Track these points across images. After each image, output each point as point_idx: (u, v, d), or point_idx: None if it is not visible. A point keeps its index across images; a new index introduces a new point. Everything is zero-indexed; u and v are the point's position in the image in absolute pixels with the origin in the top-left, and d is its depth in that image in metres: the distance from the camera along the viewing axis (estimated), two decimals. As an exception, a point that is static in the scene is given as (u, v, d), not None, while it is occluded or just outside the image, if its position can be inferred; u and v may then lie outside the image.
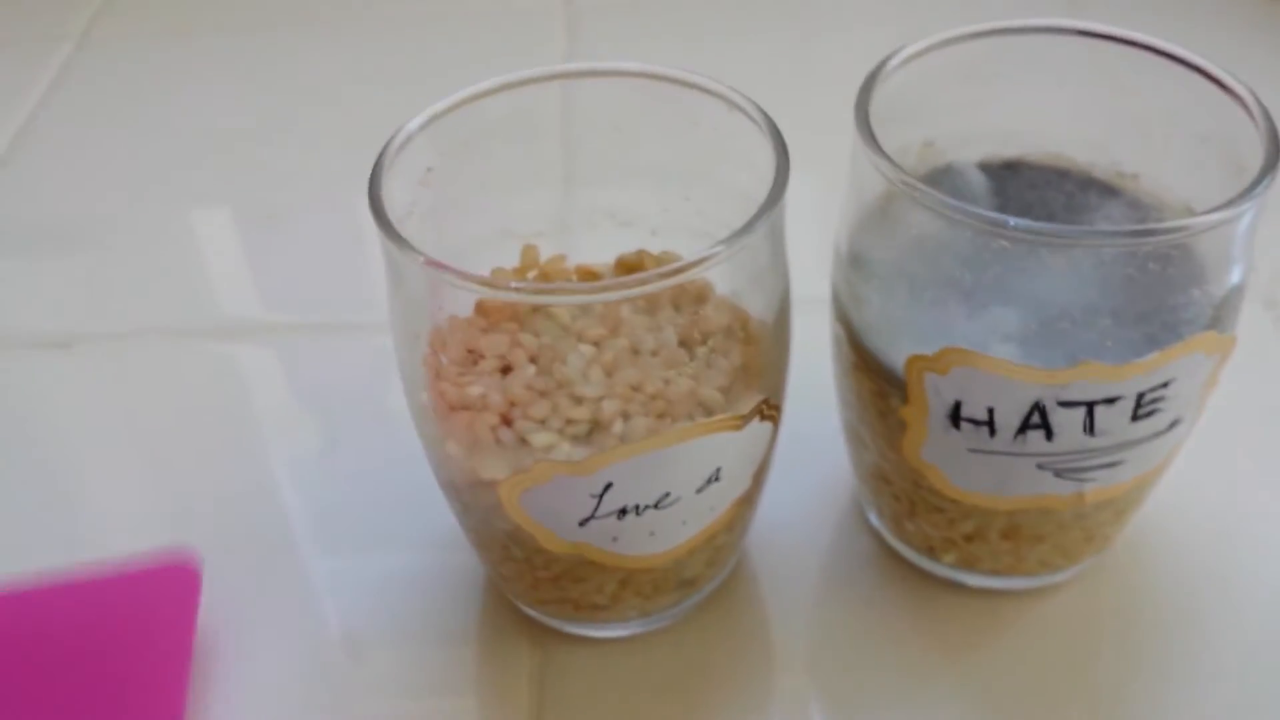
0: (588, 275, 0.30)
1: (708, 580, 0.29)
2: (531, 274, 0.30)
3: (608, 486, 0.24)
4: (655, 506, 0.25)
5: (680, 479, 0.25)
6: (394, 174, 0.26)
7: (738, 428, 0.25)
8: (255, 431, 0.36)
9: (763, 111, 0.26)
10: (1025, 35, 0.28)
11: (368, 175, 0.25)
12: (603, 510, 0.25)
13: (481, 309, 0.27)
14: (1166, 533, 0.31)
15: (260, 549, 0.32)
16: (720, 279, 0.26)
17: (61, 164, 0.47)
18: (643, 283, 0.23)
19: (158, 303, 0.41)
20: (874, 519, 0.31)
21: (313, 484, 0.34)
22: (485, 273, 0.28)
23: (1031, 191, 0.29)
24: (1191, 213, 0.27)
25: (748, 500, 0.28)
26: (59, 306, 0.41)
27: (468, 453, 0.25)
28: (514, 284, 0.26)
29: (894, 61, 0.27)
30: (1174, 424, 0.25)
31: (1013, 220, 0.23)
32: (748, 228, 0.23)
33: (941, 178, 0.29)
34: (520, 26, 0.55)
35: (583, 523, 0.25)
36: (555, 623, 0.30)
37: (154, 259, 0.43)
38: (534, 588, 0.28)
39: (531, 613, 0.30)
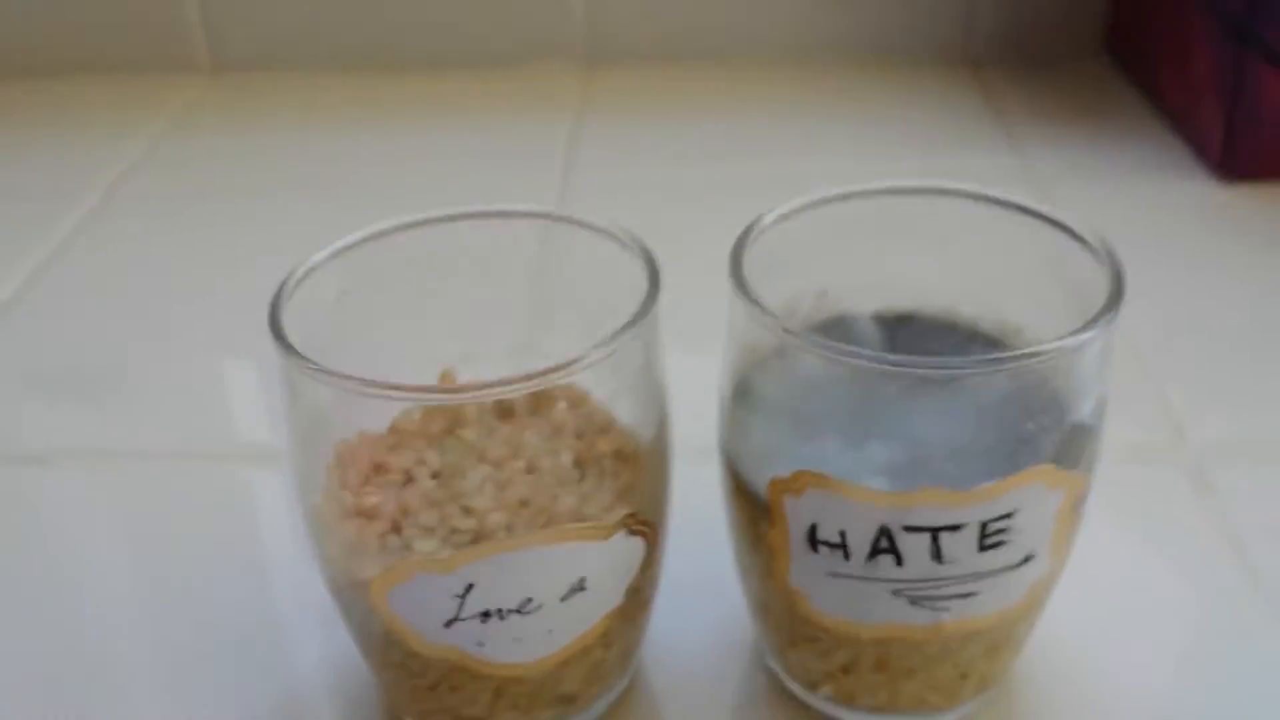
0: (503, 406, 0.32)
1: (589, 700, 0.30)
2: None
3: (469, 587, 0.26)
4: (519, 612, 0.26)
5: (541, 584, 0.26)
6: (303, 294, 0.28)
7: (602, 537, 0.26)
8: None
9: (640, 242, 0.28)
10: (908, 196, 0.31)
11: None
12: (466, 612, 0.26)
13: (394, 429, 0.29)
14: (1057, 679, 0.31)
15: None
16: (599, 386, 0.28)
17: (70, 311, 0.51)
18: (506, 384, 0.24)
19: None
20: (768, 657, 0.32)
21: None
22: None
23: (921, 343, 0.31)
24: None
25: (626, 617, 0.29)
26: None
27: (346, 554, 0.27)
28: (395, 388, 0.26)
29: (769, 217, 0.29)
30: (1027, 559, 0.26)
31: (863, 351, 0.25)
32: (617, 335, 0.25)
33: (834, 327, 0.31)
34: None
35: (448, 624, 0.26)
36: (440, 737, 0.30)
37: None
38: (414, 697, 0.29)
39: (416, 729, 0.30)
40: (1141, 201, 0.55)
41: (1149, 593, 0.34)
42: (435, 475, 0.27)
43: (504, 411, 0.30)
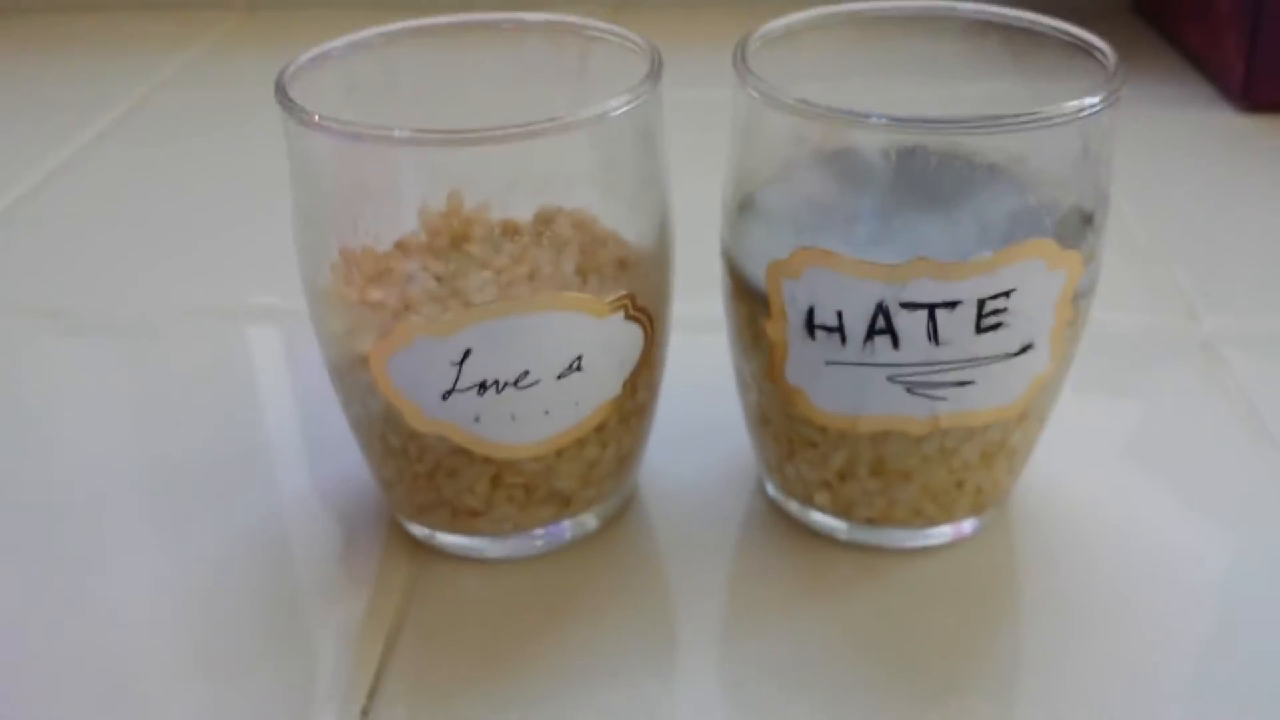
0: (510, 227, 0.32)
1: (585, 503, 0.30)
2: (456, 220, 0.32)
3: (466, 353, 0.26)
4: (515, 385, 0.26)
5: (538, 356, 0.26)
6: (312, 80, 0.28)
7: (598, 313, 0.26)
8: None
9: (648, 40, 0.28)
10: (915, 21, 0.31)
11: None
12: (463, 382, 0.26)
13: (399, 245, 0.29)
14: (1054, 513, 0.31)
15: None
16: (603, 201, 0.28)
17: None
18: (502, 131, 0.25)
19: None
20: (766, 480, 0.32)
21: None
22: (411, 211, 0.30)
23: (926, 173, 0.31)
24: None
25: (620, 413, 0.29)
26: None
27: (348, 330, 0.27)
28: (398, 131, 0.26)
29: (775, 25, 0.29)
30: (1025, 348, 0.26)
31: (874, 115, 0.25)
32: (610, 101, 0.26)
33: (842, 156, 0.31)
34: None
35: (445, 395, 0.26)
36: (436, 535, 0.30)
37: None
38: (413, 489, 0.29)
39: (416, 530, 0.31)
40: (1166, 132, 0.55)
41: (1154, 444, 0.34)
42: (438, 279, 0.28)
43: (510, 232, 0.30)
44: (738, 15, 0.70)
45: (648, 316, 0.28)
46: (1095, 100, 0.25)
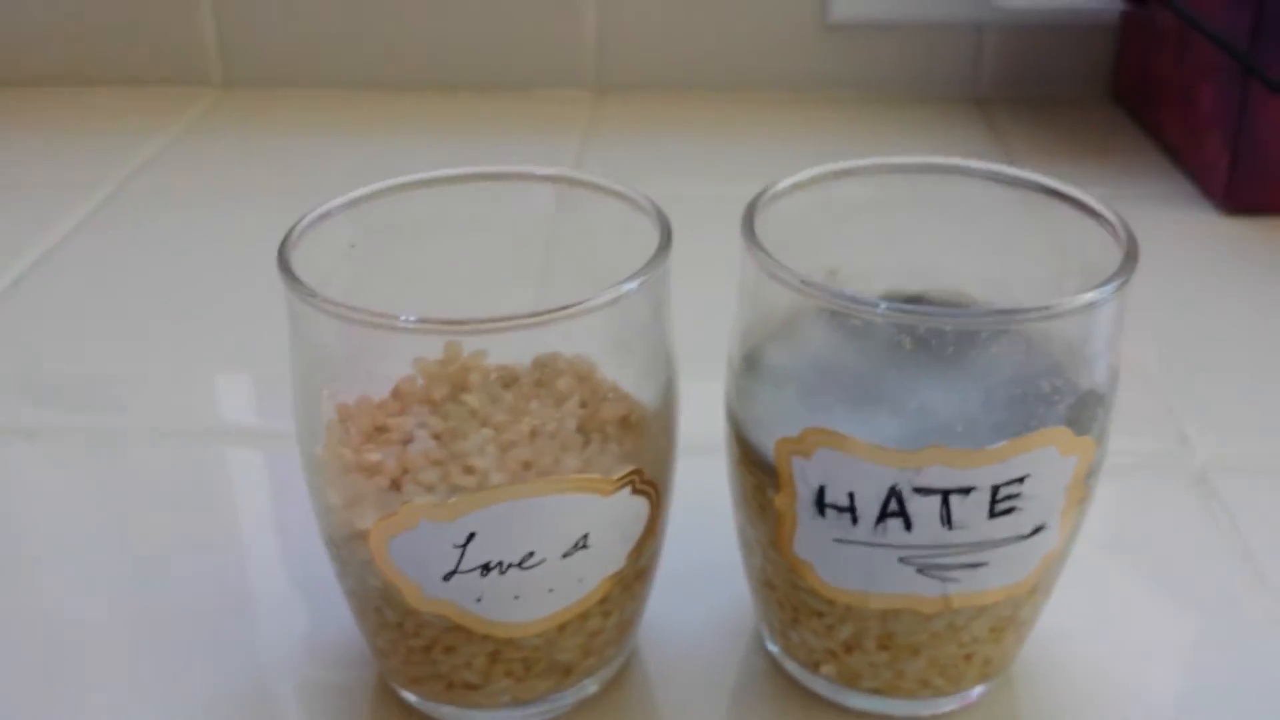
0: (507, 374, 0.32)
1: (585, 672, 0.29)
2: (452, 367, 0.31)
3: (471, 536, 0.25)
4: (519, 566, 0.26)
5: (544, 538, 0.26)
6: (312, 241, 0.28)
7: (605, 491, 0.26)
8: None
9: (655, 205, 0.28)
10: (919, 174, 0.31)
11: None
12: (466, 563, 0.25)
13: (397, 394, 0.29)
14: (1059, 673, 0.31)
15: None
16: (607, 358, 0.28)
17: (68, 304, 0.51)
18: (509, 320, 0.24)
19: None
20: (768, 640, 0.31)
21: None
22: (407, 361, 0.29)
23: (937, 340, 0.31)
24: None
25: (624, 583, 0.28)
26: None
27: (346, 503, 0.26)
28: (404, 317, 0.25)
29: (784, 184, 0.29)
30: (1037, 530, 0.26)
31: (883, 304, 0.24)
32: (624, 282, 0.25)
33: (835, 317, 0.31)
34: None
35: (447, 576, 0.26)
36: (433, 708, 0.29)
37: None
38: (408, 661, 0.28)
39: (410, 698, 0.30)
40: (1147, 233, 0.54)
41: (1154, 593, 0.34)
42: (436, 436, 0.27)
43: (508, 380, 0.29)
44: (719, 102, 0.71)
45: (654, 488, 0.27)
46: (1108, 291, 0.25)
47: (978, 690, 0.29)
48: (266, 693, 0.31)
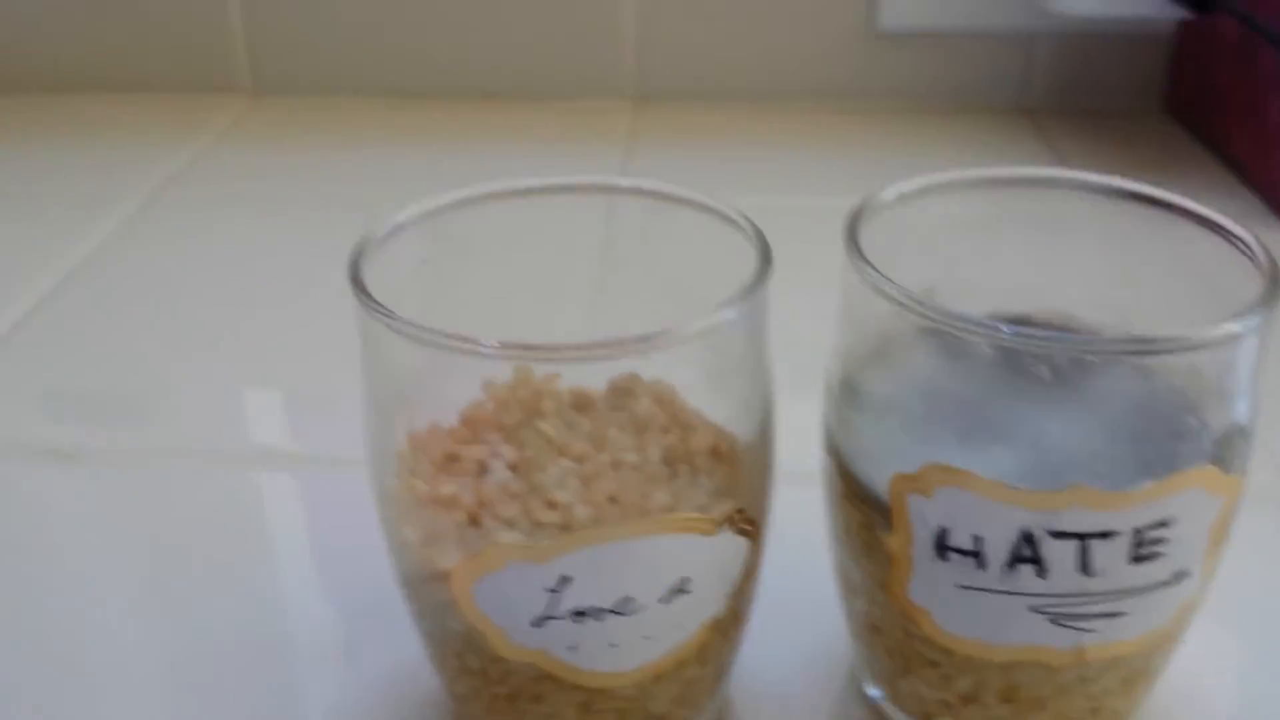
0: (581, 399, 0.30)
1: (677, 722, 0.27)
2: (524, 391, 0.29)
3: (564, 580, 0.23)
4: (616, 612, 0.24)
5: (643, 581, 0.24)
6: (383, 259, 0.26)
7: (707, 531, 0.24)
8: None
9: (751, 222, 0.26)
10: (1027, 188, 0.29)
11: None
12: (559, 609, 0.23)
13: (467, 420, 0.27)
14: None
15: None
16: (699, 388, 0.26)
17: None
18: (594, 349, 0.22)
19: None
20: (869, 686, 0.29)
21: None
22: (474, 385, 0.27)
23: (1036, 360, 0.29)
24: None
25: (722, 629, 0.26)
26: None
27: (425, 540, 0.24)
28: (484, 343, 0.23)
29: (887, 194, 0.27)
30: (1179, 576, 0.24)
31: (1007, 328, 0.22)
32: (722, 308, 0.23)
33: (947, 337, 0.29)
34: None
35: (538, 623, 0.24)
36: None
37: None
38: (490, 710, 0.26)
39: (489, 748, 0.28)
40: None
41: (1271, 637, 0.32)
42: (513, 467, 0.25)
43: (582, 404, 0.27)
44: (762, 112, 0.69)
45: (754, 526, 0.25)
46: (1254, 319, 0.22)
47: (1097, 745, 0.27)
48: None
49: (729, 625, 0.26)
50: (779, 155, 0.64)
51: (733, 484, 0.25)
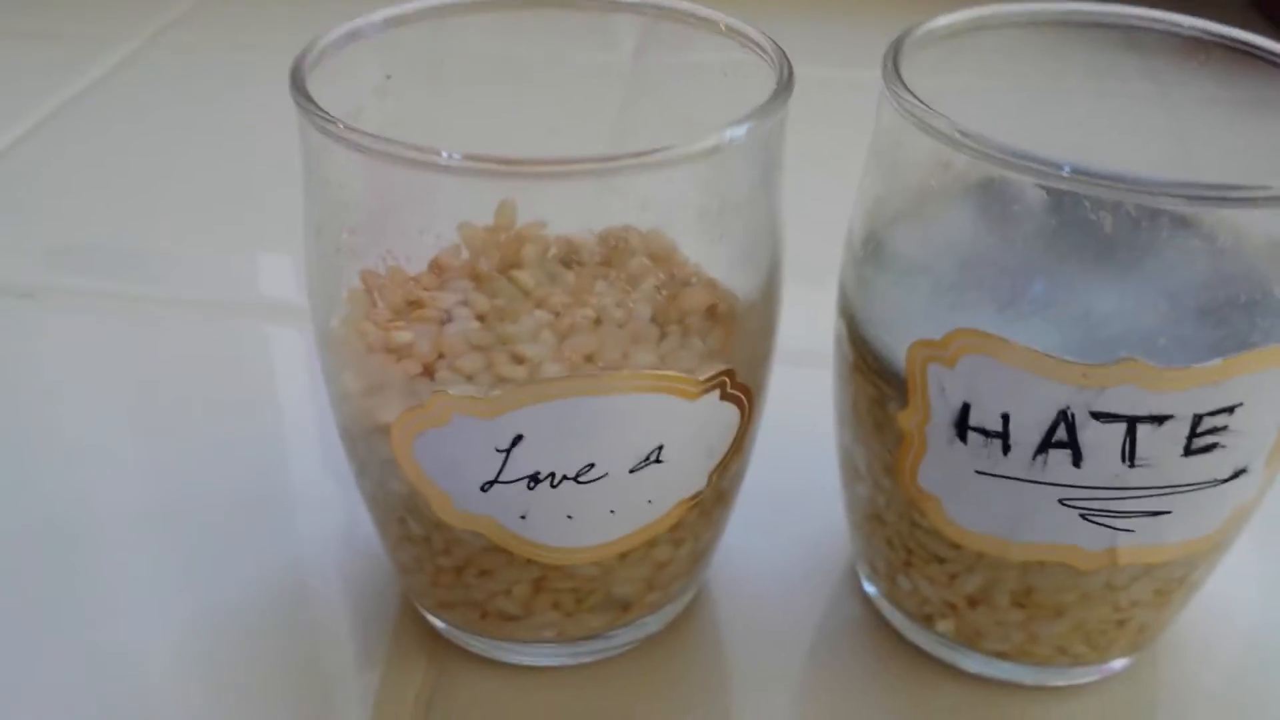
0: (568, 248, 0.26)
1: (647, 610, 0.24)
2: (504, 235, 0.26)
3: (517, 440, 0.20)
4: (575, 479, 0.21)
5: (609, 446, 0.20)
6: (340, 64, 0.22)
7: (688, 395, 0.20)
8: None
9: (772, 40, 0.22)
10: (1099, 30, 0.24)
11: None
12: (510, 472, 0.20)
13: (437, 265, 0.23)
14: (1218, 648, 0.25)
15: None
16: (698, 232, 0.22)
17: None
18: (574, 164, 0.19)
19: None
20: (866, 581, 0.26)
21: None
22: (450, 226, 0.24)
23: (1093, 218, 0.25)
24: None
25: (702, 508, 0.23)
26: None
27: (366, 389, 0.21)
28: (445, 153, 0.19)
29: (935, 25, 0.23)
30: (1238, 473, 0.20)
31: (1067, 165, 0.19)
32: (725, 131, 0.19)
33: (992, 189, 0.25)
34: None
35: (485, 487, 0.21)
36: (463, 637, 0.25)
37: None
38: (435, 582, 0.23)
39: (438, 623, 0.25)
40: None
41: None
42: (481, 317, 0.22)
43: (569, 257, 0.24)
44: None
45: (746, 394, 0.22)
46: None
47: (1121, 662, 0.24)
48: (273, 604, 0.26)
49: (711, 504, 0.23)
50: (828, 20, 0.59)
51: (727, 347, 0.22)
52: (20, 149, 0.45)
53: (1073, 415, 0.19)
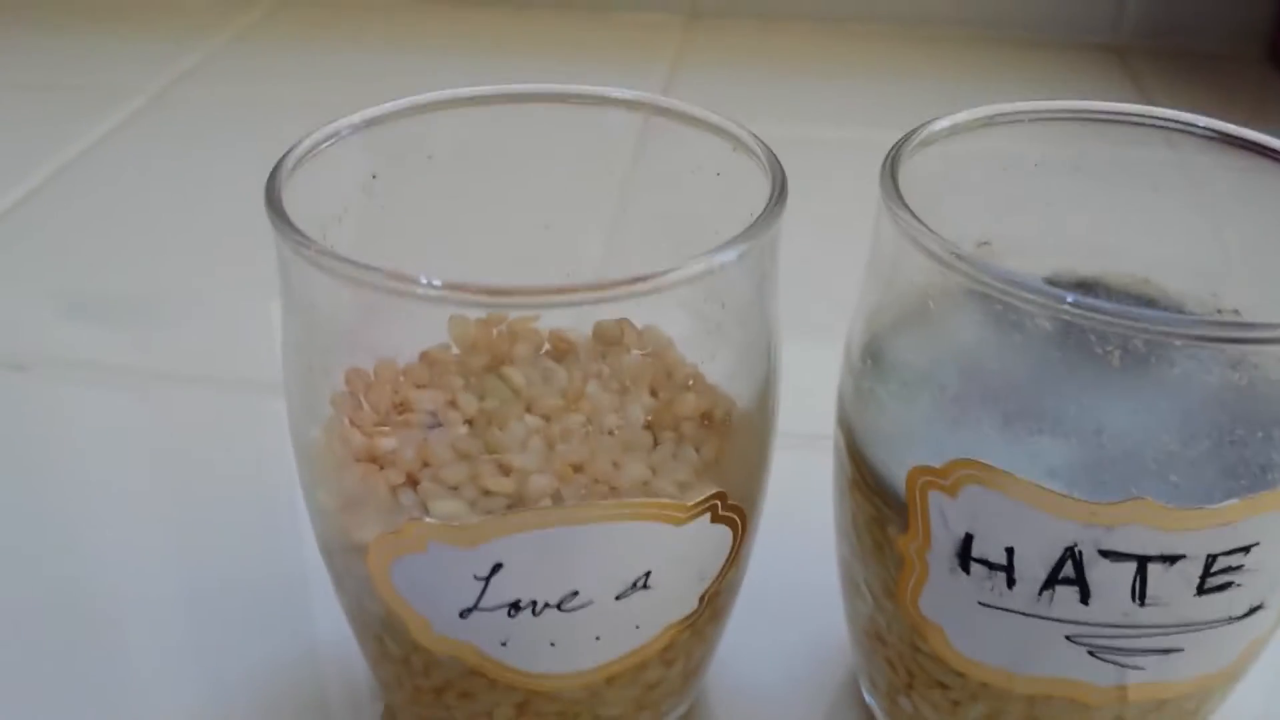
0: (561, 344, 0.25)
1: (635, 729, 0.23)
2: (497, 331, 0.25)
3: (496, 568, 0.19)
4: (558, 607, 0.20)
5: (593, 575, 0.20)
6: (315, 170, 0.22)
7: (676, 521, 0.20)
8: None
9: (765, 146, 0.21)
10: (1105, 125, 0.24)
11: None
12: (489, 600, 0.19)
13: (425, 359, 0.23)
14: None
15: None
16: (691, 340, 0.21)
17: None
18: (565, 293, 0.18)
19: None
20: (867, 694, 0.25)
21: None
22: (439, 323, 0.23)
23: (1131, 353, 0.24)
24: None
25: (695, 630, 0.22)
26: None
27: (341, 506, 0.21)
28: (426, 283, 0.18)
29: (939, 125, 0.22)
30: (1253, 610, 0.19)
31: (1070, 296, 0.18)
32: (724, 248, 0.19)
33: (995, 302, 0.24)
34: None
35: (464, 614, 0.20)
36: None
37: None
38: (415, 701, 0.22)
39: (418, 737, 0.24)
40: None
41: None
42: (469, 422, 0.21)
43: (562, 351, 0.23)
44: (825, 35, 0.63)
45: (739, 514, 0.21)
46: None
47: (1133, 791, 0.23)
48: (251, 709, 0.25)
49: (704, 624, 0.22)
50: (842, 84, 0.58)
51: (722, 459, 0.21)
52: (29, 203, 0.44)
53: (1080, 552, 0.18)
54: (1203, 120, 0.23)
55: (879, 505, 0.21)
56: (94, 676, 0.26)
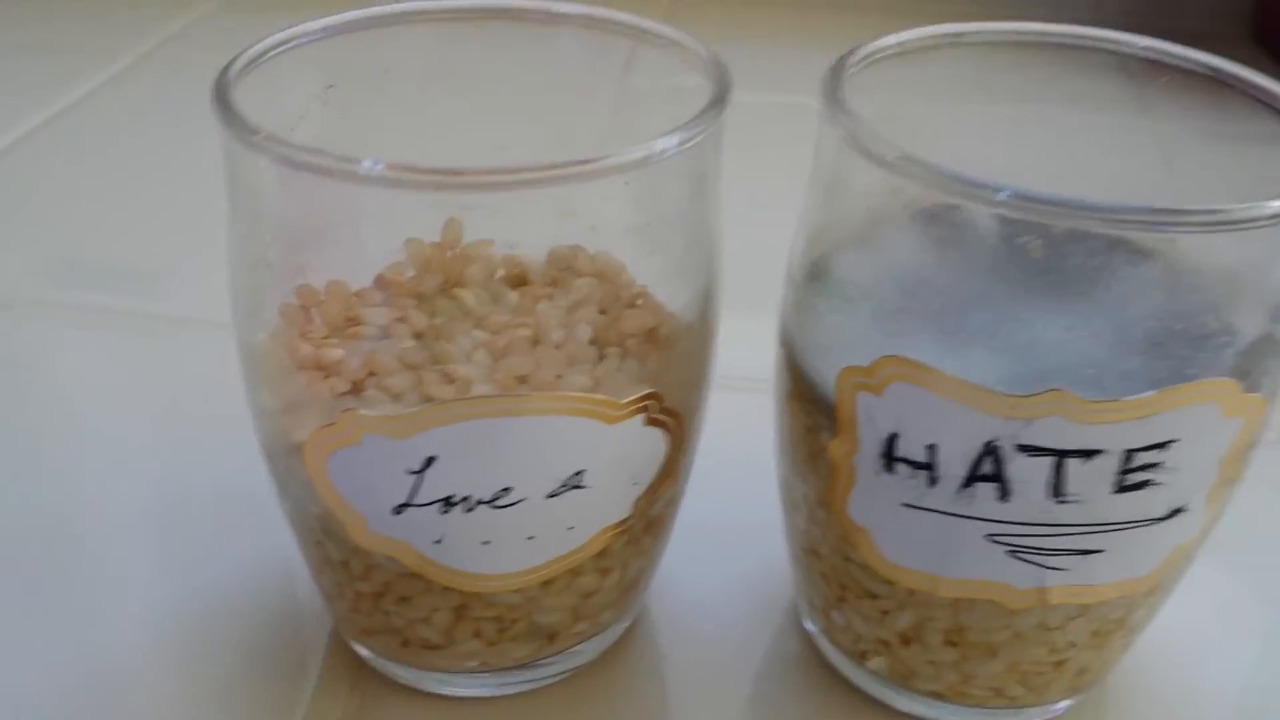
0: (515, 268, 0.26)
1: (573, 639, 0.23)
2: (450, 253, 0.25)
3: (429, 461, 0.19)
4: (491, 504, 0.20)
5: (524, 470, 0.20)
6: (275, 74, 0.22)
7: (608, 418, 0.20)
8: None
9: (710, 49, 0.22)
10: (1050, 51, 0.24)
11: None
12: (423, 495, 0.20)
13: (380, 282, 0.23)
14: (1165, 691, 0.24)
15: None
16: (630, 241, 0.22)
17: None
18: (518, 174, 0.18)
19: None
20: (806, 618, 0.25)
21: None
22: (396, 244, 0.23)
23: (1049, 249, 0.24)
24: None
25: (632, 537, 0.22)
26: None
27: (284, 407, 0.21)
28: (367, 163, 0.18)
29: (883, 43, 0.23)
30: (1175, 512, 0.19)
31: (1006, 189, 0.18)
32: (657, 141, 0.19)
33: (943, 215, 0.25)
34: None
35: (398, 510, 0.20)
36: (389, 667, 0.24)
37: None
38: (356, 609, 0.23)
39: (364, 652, 0.24)
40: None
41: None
42: (418, 335, 0.21)
43: (517, 278, 0.23)
44: (809, 14, 0.63)
45: (676, 418, 0.21)
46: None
47: (1063, 704, 0.23)
48: (203, 624, 0.25)
49: (639, 533, 0.23)
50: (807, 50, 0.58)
51: (663, 371, 0.22)
52: (8, 158, 0.45)
53: (1000, 448, 0.19)
54: (1144, 42, 0.23)
55: (813, 413, 0.21)
56: (64, 587, 0.26)
